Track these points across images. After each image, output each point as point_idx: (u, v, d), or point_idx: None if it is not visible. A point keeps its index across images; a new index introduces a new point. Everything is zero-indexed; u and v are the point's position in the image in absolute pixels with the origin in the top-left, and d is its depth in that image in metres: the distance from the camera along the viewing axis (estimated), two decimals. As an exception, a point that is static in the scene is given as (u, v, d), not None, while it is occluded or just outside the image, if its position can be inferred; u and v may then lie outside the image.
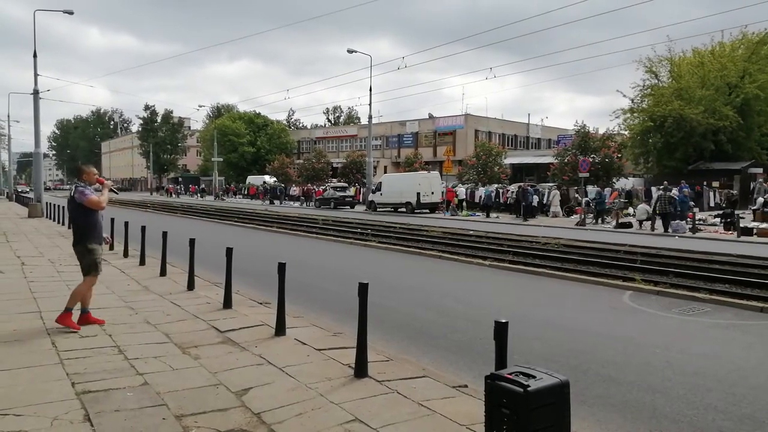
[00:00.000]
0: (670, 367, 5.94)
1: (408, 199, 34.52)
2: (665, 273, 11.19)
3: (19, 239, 16.67)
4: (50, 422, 3.94)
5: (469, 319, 8.00)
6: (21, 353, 5.51)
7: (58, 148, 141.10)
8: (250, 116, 73.40)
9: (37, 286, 9.08)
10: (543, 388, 2.91)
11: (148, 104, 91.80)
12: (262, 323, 6.90)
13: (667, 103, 33.64)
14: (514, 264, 12.95)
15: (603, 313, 8.59)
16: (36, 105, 29.30)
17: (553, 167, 35.82)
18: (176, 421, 4.01)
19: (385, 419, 4.14)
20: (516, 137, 62.82)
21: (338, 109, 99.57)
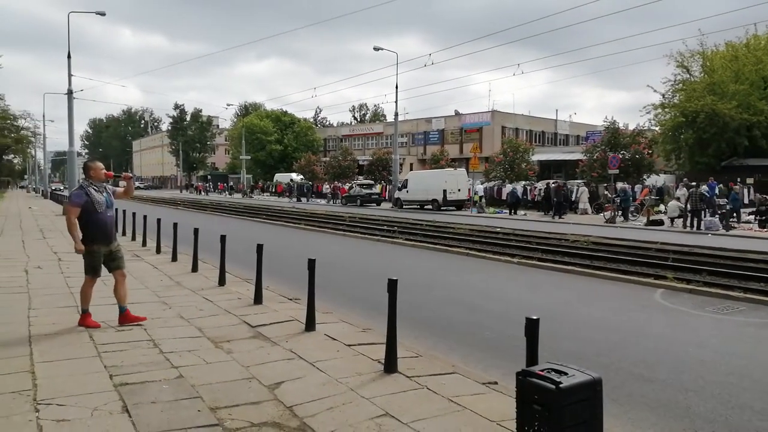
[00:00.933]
0: (703, 366, 5.85)
1: (434, 196, 34.45)
2: (698, 271, 10.99)
3: (55, 236, 17.11)
4: (90, 413, 4.06)
5: (497, 317, 7.99)
6: (61, 346, 5.68)
7: (90, 147, 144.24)
8: (277, 114, 74.01)
9: (74, 282, 9.30)
10: (575, 385, 2.90)
11: (177, 103, 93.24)
12: (292, 319, 6.99)
13: (699, 98, 32.91)
14: (542, 261, 12.85)
15: (634, 312, 8.48)
16: (70, 105, 29.94)
17: (582, 164, 35.38)
18: (211, 413, 4.10)
19: (416, 414, 4.17)
20: (544, 134, 62.18)
21: (364, 106, 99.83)
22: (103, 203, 6.30)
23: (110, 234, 6.45)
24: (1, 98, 60.43)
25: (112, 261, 6.48)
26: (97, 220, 6.24)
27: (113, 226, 6.57)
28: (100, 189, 6.39)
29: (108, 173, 6.59)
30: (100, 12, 30.82)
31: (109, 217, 6.42)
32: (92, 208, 6.21)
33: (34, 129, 70.75)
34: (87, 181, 6.43)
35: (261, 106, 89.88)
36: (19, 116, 67.41)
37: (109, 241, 6.42)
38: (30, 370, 4.95)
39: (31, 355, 5.35)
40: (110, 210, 6.43)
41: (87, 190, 6.26)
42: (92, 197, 6.23)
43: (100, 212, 6.23)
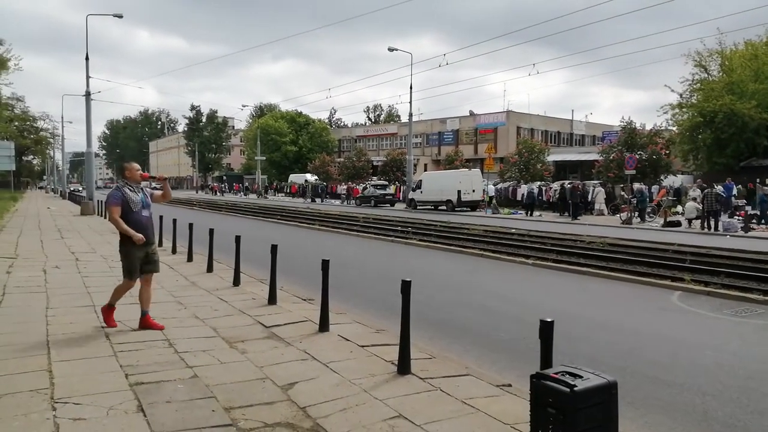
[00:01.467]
0: (721, 370, 5.77)
1: (448, 197, 34.37)
2: (716, 273, 10.85)
3: (73, 236, 17.32)
4: (106, 412, 4.10)
5: (512, 318, 7.94)
6: (78, 345, 5.74)
7: (108, 148, 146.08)
8: (292, 115, 74.33)
9: (91, 281, 9.42)
10: (590, 388, 2.88)
11: (193, 104, 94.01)
12: (306, 319, 7.01)
13: (718, 97, 32.48)
14: (558, 263, 12.76)
15: (651, 314, 8.39)
16: (88, 106, 30.34)
17: (598, 164, 35.09)
18: (225, 413, 4.12)
19: (429, 416, 4.16)
20: (559, 134, 61.79)
21: (379, 107, 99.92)
22: (138, 203, 6.22)
23: (147, 234, 6.28)
24: (20, 100, 61.38)
25: (147, 264, 6.34)
26: (134, 220, 6.15)
27: (151, 227, 6.38)
28: (136, 189, 6.31)
29: (143, 174, 6.48)
30: (117, 14, 31.20)
31: (146, 217, 6.27)
32: (128, 207, 6.15)
33: (52, 130, 71.93)
34: (123, 181, 6.37)
35: (276, 107, 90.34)
36: (39, 118, 68.53)
37: (146, 242, 6.26)
38: (47, 368, 5.01)
39: (48, 354, 5.41)
40: (146, 210, 6.30)
41: (122, 190, 6.21)
42: (127, 197, 6.17)
43: (135, 211, 6.16)
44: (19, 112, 62.54)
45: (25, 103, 63.26)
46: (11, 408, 4.12)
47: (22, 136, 63.65)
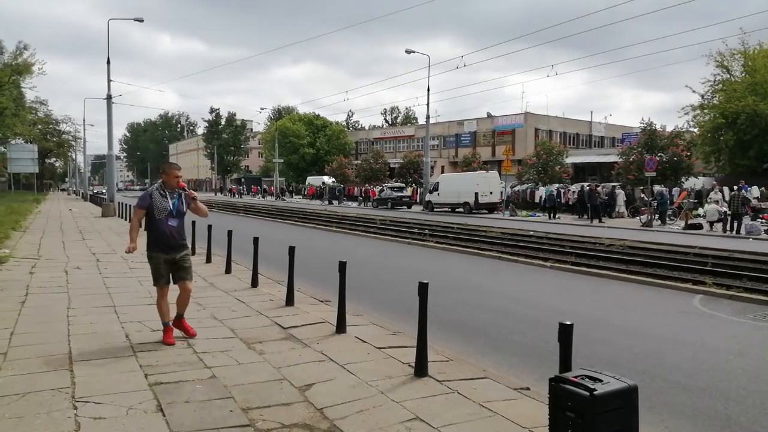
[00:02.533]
0: (744, 375, 5.67)
1: (466, 199, 34.26)
2: (738, 277, 10.68)
3: (94, 237, 17.55)
4: (126, 411, 4.14)
5: (530, 321, 7.89)
6: (98, 345, 5.81)
7: (128, 150, 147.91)
8: (309, 118, 74.68)
9: (111, 282, 9.54)
10: (610, 392, 2.84)
11: (213, 107, 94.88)
12: (323, 321, 7.02)
13: (740, 98, 32.00)
14: (576, 266, 12.65)
15: (671, 317, 8.28)
16: (109, 110, 30.74)
17: (618, 166, 34.75)
18: (243, 414, 4.14)
19: (446, 419, 4.14)
20: (578, 136, 61.28)
21: (396, 109, 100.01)
22: (164, 210, 5.85)
23: (171, 243, 5.90)
24: (43, 104, 62.47)
25: (176, 271, 6.00)
26: (155, 227, 5.86)
27: (177, 236, 5.95)
28: (169, 195, 5.92)
29: (181, 183, 6.00)
30: (138, 18, 31.57)
31: (170, 226, 5.88)
32: (152, 212, 5.86)
33: (75, 133, 73.05)
34: (159, 184, 6.01)
35: (294, 109, 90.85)
36: (61, 121, 69.68)
37: (170, 251, 5.90)
38: (69, 368, 5.07)
39: (69, 354, 5.48)
40: (174, 219, 5.90)
41: (152, 193, 5.93)
42: (154, 201, 5.86)
43: (158, 218, 5.83)
44: (42, 116, 63.66)
45: (48, 106, 64.58)
46: (34, 406, 4.19)
47: (45, 138, 64.79)
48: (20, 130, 45.65)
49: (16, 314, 7.07)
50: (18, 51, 43.21)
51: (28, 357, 5.36)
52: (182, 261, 6.04)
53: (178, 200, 5.97)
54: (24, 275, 10.05)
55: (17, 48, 43.41)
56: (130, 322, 6.75)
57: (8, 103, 39.67)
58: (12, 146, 44.27)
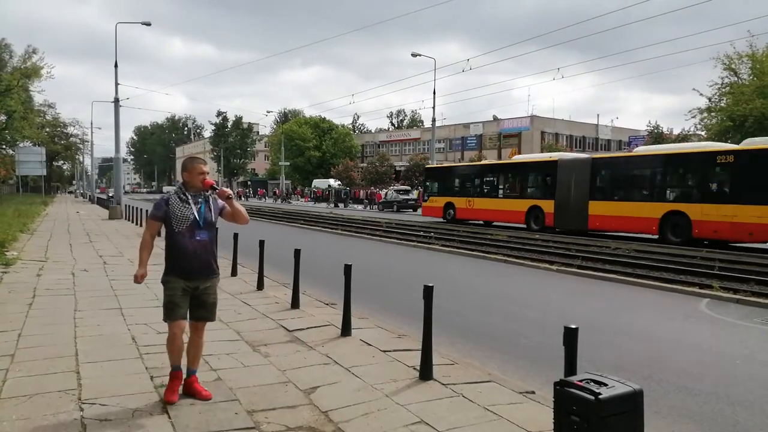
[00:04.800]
0: (752, 379, 5.64)
1: (472, 202, 34.05)
2: (746, 280, 10.62)
3: (101, 240, 17.63)
4: (131, 413, 4.16)
5: (535, 325, 7.87)
6: (105, 347, 5.84)
7: (136, 153, 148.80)
8: (315, 121, 74.92)
9: (118, 284, 9.58)
10: (615, 396, 2.83)
11: (220, 111, 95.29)
12: (328, 323, 7.03)
13: (748, 101, 31.87)
14: (582, 269, 12.61)
15: (678, 321, 8.24)
16: (116, 113, 30.91)
17: (624, 169, 34.58)
18: (248, 416, 4.15)
19: (451, 422, 4.13)
20: (584, 139, 61.21)
21: (402, 112, 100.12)
22: (186, 220, 4.32)
23: (195, 265, 4.35)
24: (51, 107, 62.79)
25: (197, 307, 4.46)
26: (175, 243, 4.34)
27: (205, 255, 4.39)
28: (193, 200, 4.40)
29: (207, 181, 4.45)
30: (146, 22, 31.77)
31: (196, 241, 4.34)
32: (169, 224, 4.35)
33: (82, 136, 73.45)
34: (179, 186, 4.55)
35: (300, 112, 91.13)
36: (69, 124, 70.09)
37: (193, 276, 4.37)
38: (75, 370, 5.10)
39: (76, 356, 5.51)
40: (201, 232, 4.36)
41: (170, 198, 4.42)
42: (171, 209, 4.34)
43: (178, 232, 4.32)
44: (50, 119, 64.04)
45: (55, 109, 64.84)
46: (41, 407, 4.21)
47: (52, 141, 65.17)
48: (28, 133, 45.90)
49: (23, 316, 7.12)
50: (27, 55, 43.53)
51: (35, 359, 5.39)
52: (206, 293, 4.47)
53: (204, 205, 4.43)
54: (31, 277, 10.11)
55: (26, 52, 43.73)
56: (136, 325, 6.78)
57: (17, 107, 39.90)
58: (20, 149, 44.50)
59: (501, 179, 25.30)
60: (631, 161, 20.79)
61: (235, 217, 4.58)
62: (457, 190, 27.41)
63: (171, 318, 4.40)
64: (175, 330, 4.40)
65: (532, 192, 23.56)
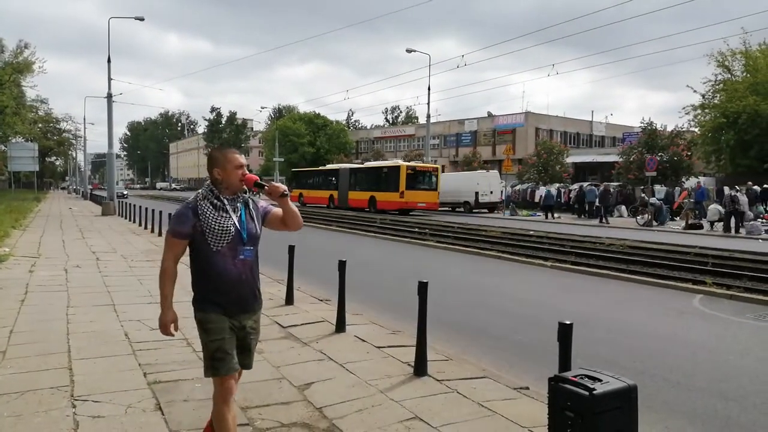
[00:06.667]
0: (744, 375, 5.66)
1: (466, 198, 34.30)
2: (738, 276, 10.67)
3: (93, 236, 17.55)
4: (125, 410, 4.14)
5: (529, 321, 7.88)
6: (97, 344, 5.81)
7: (129, 149, 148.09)
8: (310, 117, 74.68)
9: (111, 281, 9.53)
10: (609, 391, 2.84)
11: (214, 107, 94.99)
12: (322, 320, 7.02)
13: (741, 98, 31.96)
14: (576, 265, 12.65)
15: (671, 317, 8.27)
16: (109, 108, 30.75)
17: (618, 166, 34.74)
18: (242, 413, 4.13)
19: (445, 418, 4.13)
20: (578, 135, 61.26)
21: (397, 108, 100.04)
22: (226, 234, 3.11)
23: (242, 294, 3.20)
24: (44, 102, 62.40)
25: (240, 351, 3.26)
26: (212, 267, 3.13)
27: (251, 280, 3.26)
28: (233, 205, 3.21)
29: (249, 176, 3.24)
30: (138, 17, 31.58)
31: (240, 261, 3.17)
32: (202, 241, 3.11)
33: (75, 132, 73.06)
34: (207, 187, 3.23)
35: (295, 108, 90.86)
36: (61, 119, 69.71)
37: (240, 308, 3.20)
38: (68, 366, 5.07)
39: (69, 352, 5.48)
40: (246, 249, 3.20)
41: (199, 205, 3.14)
42: (205, 221, 3.10)
43: (217, 251, 3.10)
44: (42, 114, 63.66)
45: (48, 104, 64.44)
46: (33, 405, 4.18)
47: (45, 137, 64.79)
48: (21, 129, 45.66)
49: (15, 312, 7.07)
50: (18, 49, 43.27)
51: (27, 355, 5.36)
52: (253, 332, 3.31)
53: (245, 212, 3.26)
54: (24, 274, 10.05)
55: (18, 46, 43.47)
56: (129, 321, 6.75)
57: (9, 102, 39.68)
58: (12, 145, 44.22)
59: (317, 179, 42.08)
60: (361, 170, 37.12)
61: (287, 222, 3.44)
62: (302, 185, 43.96)
63: (221, 371, 3.12)
64: (228, 385, 3.18)
65: (330, 186, 39.24)
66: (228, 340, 3.16)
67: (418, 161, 39.52)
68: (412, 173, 31.90)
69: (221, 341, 3.13)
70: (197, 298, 3.22)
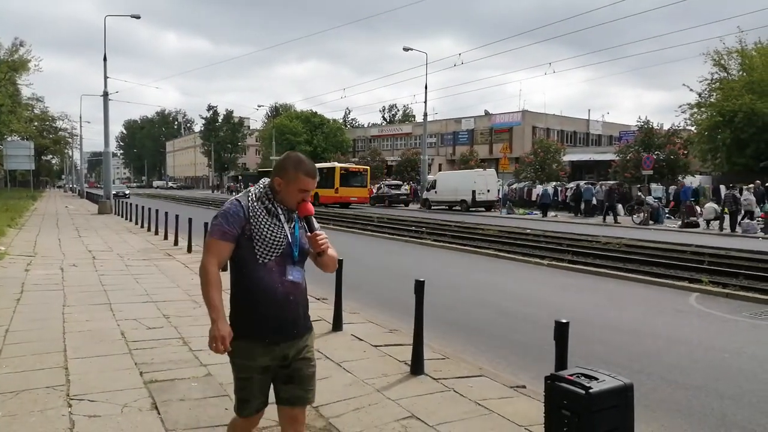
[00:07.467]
0: (740, 373, 5.68)
1: (463, 197, 34.30)
2: (734, 275, 10.69)
3: (90, 234, 17.51)
4: (120, 409, 4.13)
5: (526, 320, 7.89)
6: (93, 343, 5.79)
7: (125, 148, 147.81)
8: (307, 115, 74.60)
9: (107, 279, 9.51)
10: (606, 390, 2.84)
11: (210, 105, 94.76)
12: (319, 318, 7.00)
13: (738, 97, 32.04)
14: (573, 264, 12.66)
15: (668, 316, 8.29)
16: (105, 106, 30.67)
17: (615, 164, 34.80)
18: (238, 412, 4.12)
19: (442, 417, 4.13)
20: (575, 134, 61.37)
21: (394, 107, 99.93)
22: (277, 246, 2.73)
23: (288, 319, 2.77)
24: (40, 100, 62.17)
25: (286, 383, 2.84)
26: (256, 283, 2.73)
27: (301, 303, 2.90)
28: (288, 214, 2.81)
29: (306, 206, 2.81)
30: (135, 15, 31.50)
31: (289, 282, 2.80)
32: (248, 249, 2.71)
33: (71, 130, 72.78)
34: (264, 188, 2.80)
35: (292, 107, 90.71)
36: (58, 118, 69.46)
37: (283, 335, 2.75)
38: (64, 365, 5.06)
39: (64, 352, 5.46)
40: (295, 269, 2.89)
41: (252, 206, 2.72)
42: (257, 225, 2.69)
43: (264, 263, 2.72)
44: (38, 112, 63.41)
45: (44, 103, 64.16)
46: (28, 404, 4.17)
47: (41, 136, 64.51)
48: (16, 127, 45.49)
49: (11, 311, 7.05)
50: (14, 47, 43.08)
51: (22, 354, 5.34)
52: (303, 360, 2.88)
53: (298, 225, 2.88)
54: (19, 272, 10.02)
55: (13, 44, 43.27)
56: (125, 320, 6.73)
57: (4, 100, 39.53)
58: (8, 143, 44.00)
59: None
60: None
61: (321, 264, 3.07)
62: None
63: (244, 413, 2.87)
64: (249, 423, 2.94)
65: None
66: (257, 380, 2.77)
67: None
68: (345, 173, 38.02)
69: (247, 381, 2.77)
70: (238, 322, 2.77)
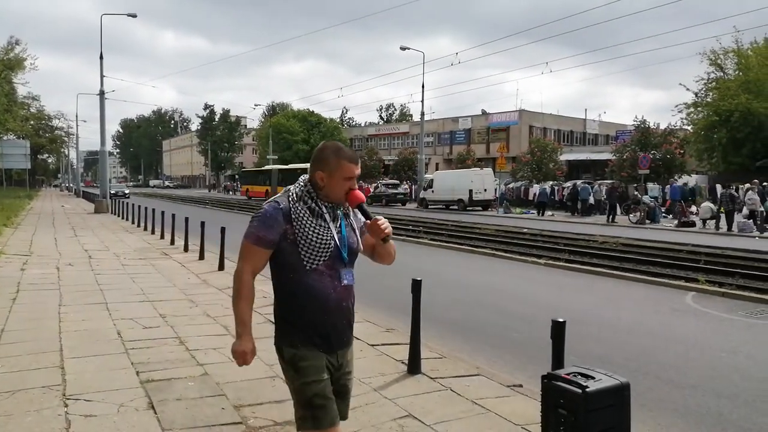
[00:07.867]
0: (736, 372, 5.69)
1: (460, 196, 34.30)
2: (731, 274, 10.72)
3: (86, 234, 17.46)
4: (117, 409, 4.11)
5: (523, 319, 7.89)
6: (89, 342, 5.78)
7: (122, 147, 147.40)
8: (303, 114, 74.49)
9: (103, 279, 9.49)
10: (602, 389, 2.84)
11: (207, 104, 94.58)
12: (316, 318, 7.00)
13: (734, 96, 32.13)
14: (570, 263, 12.67)
15: (664, 315, 8.30)
16: (102, 105, 30.57)
17: (611, 164, 34.86)
18: (235, 411, 4.12)
19: (439, 416, 4.14)
20: (572, 133, 61.40)
21: (391, 106, 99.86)
22: (325, 249, 2.51)
23: (338, 324, 2.59)
24: (36, 99, 61.90)
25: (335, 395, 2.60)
26: (307, 290, 2.50)
27: (351, 308, 2.70)
28: (332, 212, 2.58)
29: (356, 193, 2.55)
30: (131, 14, 31.46)
31: (342, 287, 2.60)
32: (293, 255, 2.50)
33: (67, 129, 72.54)
34: (304, 186, 2.57)
35: (288, 106, 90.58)
36: (54, 116, 69.19)
37: (335, 342, 2.59)
38: (60, 365, 5.04)
39: (60, 351, 5.45)
40: (347, 271, 2.66)
41: (293, 208, 2.50)
42: (300, 229, 2.48)
43: (312, 269, 2.50)
44: (34, 111, 63.16)
45: (40, 102, 63.83)
46: (24, 404, 4.15)
47: (37, 134, 64.25)
48: (12, 126, 45.30)
49: (6, 311, 7.03)
50: (9, 46, 42.92)
51: (18, 354, 5.32)
52: (348, 372, 2.73)
53: (345, 223, 2.65)
54: (15, 272, 9.99)
55: (8, 43, 43.11)
56: (121, 320, 6.71)
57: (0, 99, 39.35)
58: (4, 142, 43.84)
59: (258, 177, 51.76)
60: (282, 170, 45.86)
61: (377, 257, 2.92)
62: (249, 182, 53.45)
63: (326, 422, 2.49)
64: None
65: (266, 182, 47.44)
66: (328, 382, 2.53)
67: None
68: None
69: (320, 384, 2.48)
70: (284, 329, 2.56)
